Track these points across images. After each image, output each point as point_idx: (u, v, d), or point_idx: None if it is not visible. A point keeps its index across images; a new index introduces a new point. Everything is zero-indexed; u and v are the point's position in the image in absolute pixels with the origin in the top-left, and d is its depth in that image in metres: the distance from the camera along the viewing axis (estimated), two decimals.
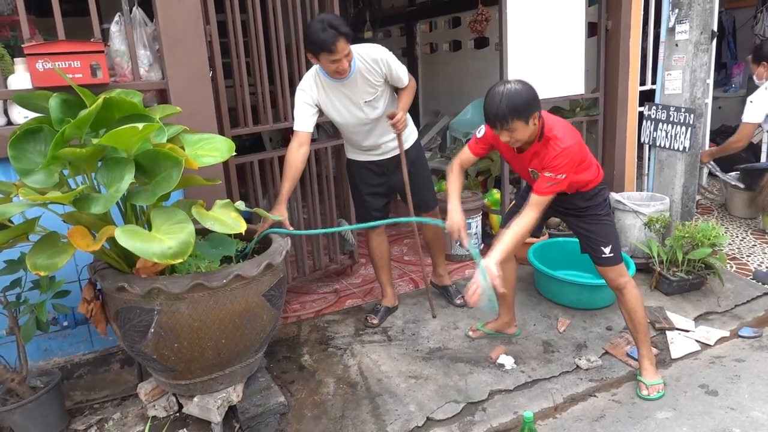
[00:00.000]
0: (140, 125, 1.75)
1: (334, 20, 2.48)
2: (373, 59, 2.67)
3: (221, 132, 2.85)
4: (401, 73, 2.77)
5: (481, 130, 2.48)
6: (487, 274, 2.15)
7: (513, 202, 2.84)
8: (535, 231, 2.90)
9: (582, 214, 2.52)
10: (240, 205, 2.15)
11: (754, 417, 2.30)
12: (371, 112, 2.78)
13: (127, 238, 1.73)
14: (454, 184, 2.59)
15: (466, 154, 2.59)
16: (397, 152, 2.97)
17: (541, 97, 3.84)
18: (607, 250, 2.49)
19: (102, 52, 2.43)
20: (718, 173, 4.32)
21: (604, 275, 2.57)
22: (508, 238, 2.29)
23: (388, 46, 2.94)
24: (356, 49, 2.64)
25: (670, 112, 3.68)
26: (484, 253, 4.11)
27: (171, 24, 2.59)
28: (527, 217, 2.30)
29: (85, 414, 2.52)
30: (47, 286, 2.24)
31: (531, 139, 2.28)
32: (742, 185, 4.42)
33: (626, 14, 3.91)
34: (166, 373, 2.20)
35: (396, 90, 2.88)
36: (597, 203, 2.50)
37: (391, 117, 2.77)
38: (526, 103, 2.13)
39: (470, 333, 2.98)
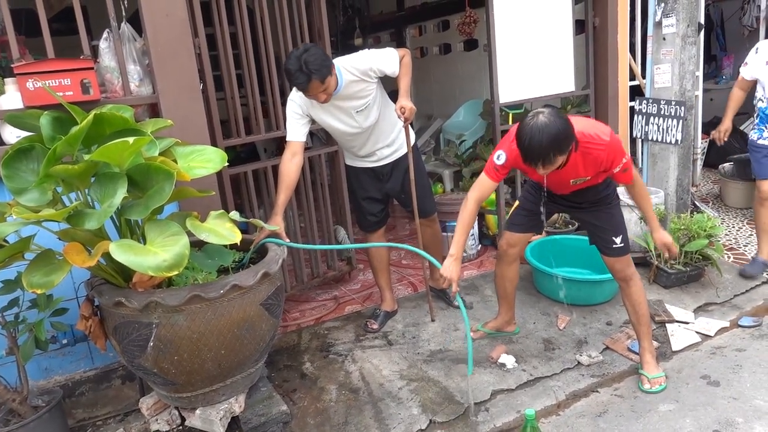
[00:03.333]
0: (131, 139, 1.76)
1: (310, 60, 2.39)
2: (362, 71, 2.64)
3: (214, 143, 2.86)
4: (393, 65, 2.69)
5: (501, 157, 2.30)
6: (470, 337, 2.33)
7: (517, 203, 2.82)
8: (537, 228, 2.88)
9: (594, 208, 2.51)
10: (235, 215, 2.16)
11: (757, 405, 2.30)
12: (364, 121, 2.78)
13: (122, 252, 1.73)
14: (463, 225, 2.42)
15: (486, 184, 2.37)
16: (392, 159, 2.97)
17: (532, 96, 3.92)
18: (618, 240, 2.50)
19: (92, 68, 2.44)
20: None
21: (611, 267, 2.57)
22: (646, 200, 2.43)
23: None
24: (343, 63, 2.63)
25: (661, 106, 3.70)
26: (482, 253, 4.15)
27: (159, 38, 2.60)
28: (642, 185, 2.41)
29: (88, 431, 2.51)
30: (45, 305, 2.23)
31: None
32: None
33: (613, 10, 3.93)
34: (167, 387, 2.20)
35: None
36: (608, 194, 2.50)
37: (402, 111, 2.67)
38: (567, 136, 2.03)
39: (471, 334, 2.98)
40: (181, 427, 2.43)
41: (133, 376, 2.69)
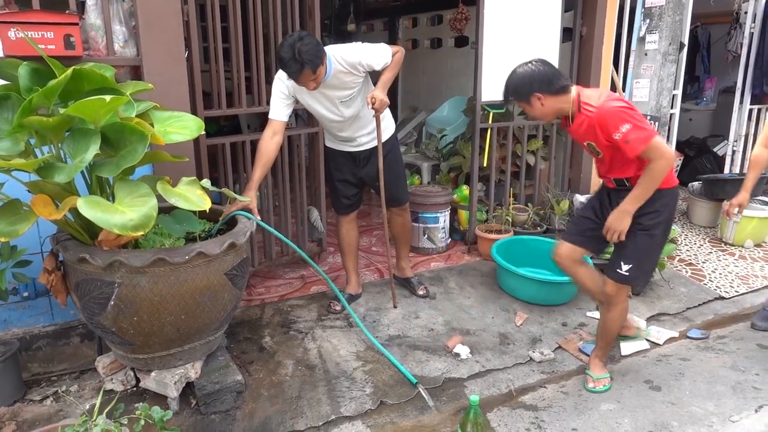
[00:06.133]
0: (108, 97, 1.77)
1: (304, 50, 2.41)
2: (351, 64, 2.66)
3: (194, 113, 2.86)
4: (382, 62, 2.72)
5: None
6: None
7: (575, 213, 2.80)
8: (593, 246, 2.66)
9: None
10: (206, 183, 2.18)
11: (693, 412, 2.41)
12: (345, 111, 2.81)
13: (89, 208, 1.75)
14: None
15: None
16: (371, 146, 3.01)
17: None
18: (624, 267, 2.41)
19: (77, 24, 2.43)
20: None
21: (605, 284, 2.52)
22: (646, 186, 2.25)
23: (371, 39, 2.96)
24: (333, 52, 2.64)
25: None
26: (451, 247, 4.22)
27: (148, 1, 2.59)
28: (657, 174, 2.22)
29: (42, 385, 2.53)
30: (8, 255, 2.24)
31: (553, 115, 2.32)
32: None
33: (601, 22, 4.01)
34: (125, 347, 2.23)
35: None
36: (651, 211, 2.33)
37: (372, 102, 2.69)
38: (516, 87, 2.27)
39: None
40: (135, 388, 2.46)
41: (92, 335, 2.70)
